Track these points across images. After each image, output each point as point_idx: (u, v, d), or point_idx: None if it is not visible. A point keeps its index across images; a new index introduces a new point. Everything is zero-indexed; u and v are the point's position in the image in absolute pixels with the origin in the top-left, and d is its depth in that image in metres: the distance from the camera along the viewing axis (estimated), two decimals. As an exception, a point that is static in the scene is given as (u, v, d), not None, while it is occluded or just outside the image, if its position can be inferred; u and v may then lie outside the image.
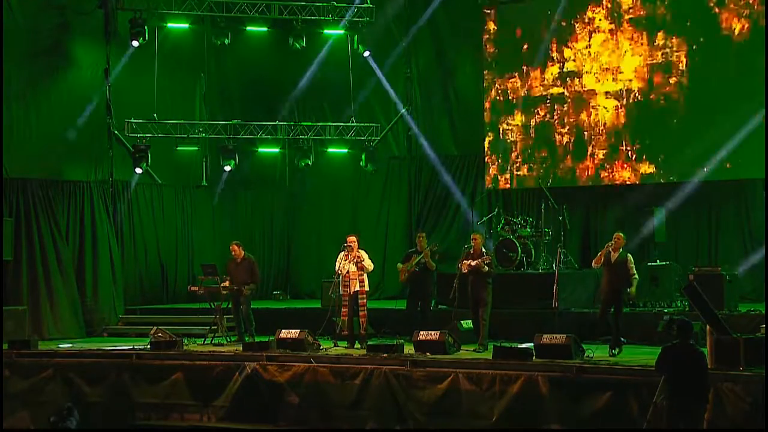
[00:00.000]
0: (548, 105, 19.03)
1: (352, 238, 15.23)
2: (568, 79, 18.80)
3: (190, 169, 20.85)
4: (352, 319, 15.09)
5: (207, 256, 19.79)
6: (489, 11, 19.71)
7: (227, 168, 20.13)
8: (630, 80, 18.18)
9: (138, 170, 19.05)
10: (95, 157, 19.10)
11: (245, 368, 13.88)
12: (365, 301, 15.11)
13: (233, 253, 16.17)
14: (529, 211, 18.82)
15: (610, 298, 13.73)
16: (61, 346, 16.15)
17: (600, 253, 13.94)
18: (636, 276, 13.73)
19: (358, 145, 20.74)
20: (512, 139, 19.42)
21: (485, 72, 19.70)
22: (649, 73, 18.03)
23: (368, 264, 15.10)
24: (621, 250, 13.75)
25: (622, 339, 13.66)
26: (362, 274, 15.01)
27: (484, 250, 14.71)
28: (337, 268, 15.16)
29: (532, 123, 19.21)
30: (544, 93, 19.05)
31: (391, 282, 17.69)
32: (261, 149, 21.27)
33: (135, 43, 18.85)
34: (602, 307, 13.90)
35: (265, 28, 20.81)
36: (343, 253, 15.14)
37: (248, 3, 19.90)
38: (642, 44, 18.07)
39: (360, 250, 15.16)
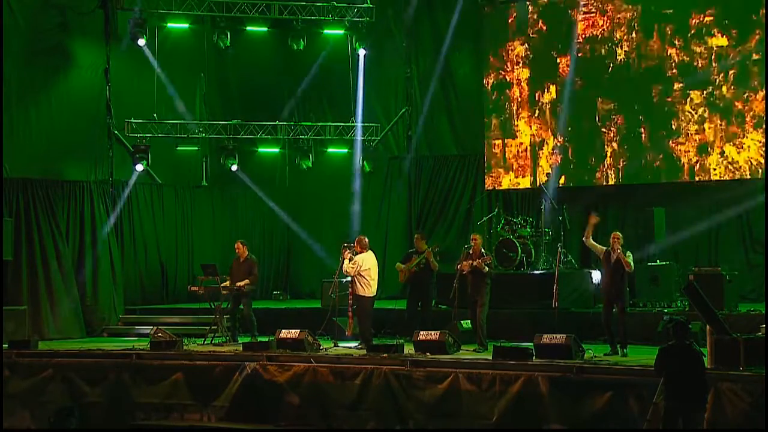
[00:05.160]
0: (548, 105, 19.04)
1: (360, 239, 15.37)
2: (568, 78, 18.86)
3: (190, 169, 20.85)
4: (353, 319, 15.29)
5: (207, 256, 19.80)
6: (489, 11, 19.73)
7: (234, 168, 20.17)
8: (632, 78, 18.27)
9: (139, 167, 19.05)
10: (95, 157, 19.09)
11: (245, 368, 13.88)
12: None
13: (237, 251, 16.19)
14: (529, 211, 18.82)
15: (612, 298, 13.70)
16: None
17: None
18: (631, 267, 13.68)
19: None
20: (512, 138, 19.42)
21: (485, 72, 19.72)
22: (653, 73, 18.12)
23: (347, 267, 15.14)
24: (621, 248, 13.66)
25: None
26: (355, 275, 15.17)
27: (483, 250, 14.71)
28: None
29: (533, 122, 19.23)
30: (544, 92, 19.06)
31: (391, 282, 17.70)
32: (261, 149, 21.28)
33: (142, 42, 18.79)
34: (605, 307, 13.86)
35: (265, 28, 20.82)
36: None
37: (248, 3, 19.90)
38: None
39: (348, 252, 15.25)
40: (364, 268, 15.06)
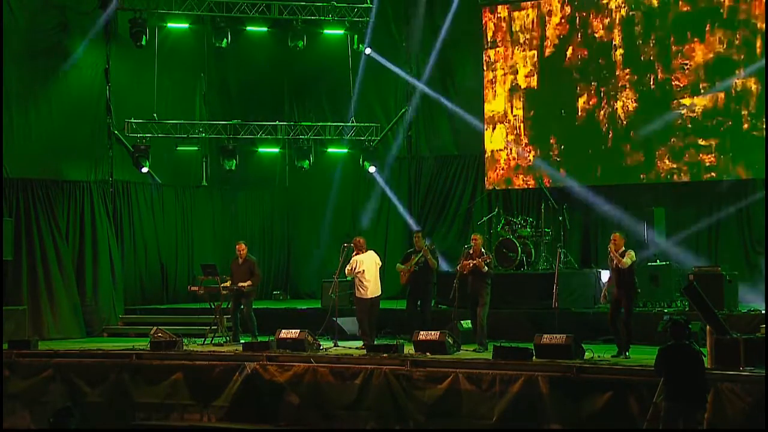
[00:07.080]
0: (548, 105, 19.05)
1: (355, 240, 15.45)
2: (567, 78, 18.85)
3: (190, 169, 20.86)
4: None
5: (207, 256, 19.79)
6: (489, 11, 19.74)
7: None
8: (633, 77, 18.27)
9: (144, 169, 19.09)
10: (95, 157, 19.10)
11: (245, 368, 13.89)
12: None
13: (240, 252, 16.17)
14: (529, 211, 18.82)
15: (618, 298, 13.57)
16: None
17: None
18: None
19: (358, 145, 20.75)
20: (512, 138, 19.43)
21: (485, 72, 19.72)
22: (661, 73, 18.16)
23: (347, 269, 15.26)
24: (613, 248, 13.57)
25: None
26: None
27: (483, 250, 14.71)
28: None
29: (533, 123, 19.23)
30: (544, 92, 19.08)
31: (391, 282, 17.70)
32: (261, 149, 21.28)
33: (140, 43, 18.79)
34: (611, 308, 13.75)
35: (265, 28, 20.83)
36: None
37: (248, 3, 19.91)
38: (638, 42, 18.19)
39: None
40: (358, 270, 15.12)
